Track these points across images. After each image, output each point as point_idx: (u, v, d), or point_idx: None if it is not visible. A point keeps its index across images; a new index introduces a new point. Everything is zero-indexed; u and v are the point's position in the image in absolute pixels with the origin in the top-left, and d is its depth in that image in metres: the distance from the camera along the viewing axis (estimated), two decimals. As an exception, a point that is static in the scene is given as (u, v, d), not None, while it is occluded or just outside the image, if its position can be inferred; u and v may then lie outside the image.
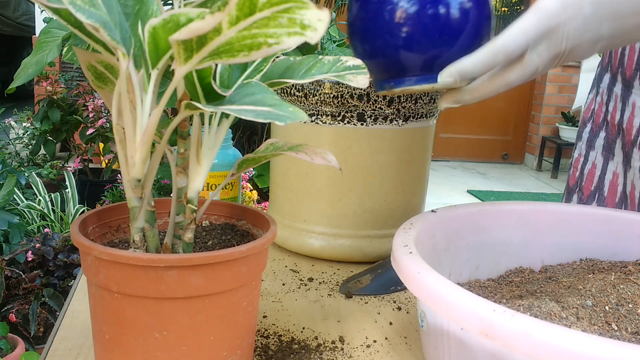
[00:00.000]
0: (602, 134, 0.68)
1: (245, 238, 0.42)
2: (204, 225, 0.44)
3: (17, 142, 2.69)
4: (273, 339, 0.47)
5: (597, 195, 0.69)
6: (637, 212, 0.52)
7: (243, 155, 0.49)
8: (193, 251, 0.38)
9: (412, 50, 0.42)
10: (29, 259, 1.45)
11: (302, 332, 0.49)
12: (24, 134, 2.69)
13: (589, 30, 0.39)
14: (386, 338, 0.48)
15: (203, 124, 0.36)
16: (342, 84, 0.59)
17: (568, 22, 0.39)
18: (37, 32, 2.93)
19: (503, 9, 4.41)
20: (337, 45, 1.17)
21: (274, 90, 0.33)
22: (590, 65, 3.78)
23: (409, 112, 0.61)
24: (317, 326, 0.50)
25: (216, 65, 0.35)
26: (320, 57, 0.39)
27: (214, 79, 0.34)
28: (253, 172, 1.45)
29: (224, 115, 0.37)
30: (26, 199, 1.90)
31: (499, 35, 0.40)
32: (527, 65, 0.40)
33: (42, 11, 2.71)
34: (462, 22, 0.42)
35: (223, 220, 0.45)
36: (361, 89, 0.59)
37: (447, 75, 0.42)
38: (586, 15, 0.39)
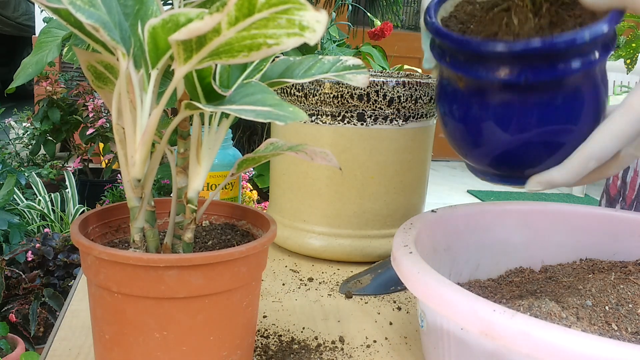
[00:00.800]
0: None
1: (245, 238, 0.42)
2: (204, 225, 0.44)
3: (17, 142, 2.69)
4: (273, 339, 0.47)
5: (635, 204, 0.65)
6: (637, 212, 0.52)
7: (243, 155, 0.49)
8: (193, 251, 0.38)
9: (515, 166, 0.40)
10: (29, 259, 1.45)
11: (302, 332, 0.49)
12: (23, 134, 2.69)
13: None
14: (386, 338, 0.48)
15: (203, 124, 0.37)
16: (342, 83, 0.59)
17: None
18: (37, 32, 2.93)
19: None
20: (337, 45, 1.17)
21: (274, 90, 0.33)
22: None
23: (409, 112, 0.61)
24: (317, 326, 0.50)
25: (216, 65, 0.35)
26: (320, 56, 0.39)
27: (214, 79, 0.34)
28: (253, 172, 1.45)
29: (224, 115, 0.37)
30: (26, 199, 1.90)
31: (587, 142, 0.37)
32: (625, 160, 0.38)
33: (42, 11, 2.71)
34: (570, 142, 0.38)
35: (223, 220, 0.45)
36: (361, 89, 0.59)
37: (534, 185, 0.39)
38: None
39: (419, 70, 0.92)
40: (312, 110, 0.62)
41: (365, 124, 0.61)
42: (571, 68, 0.35)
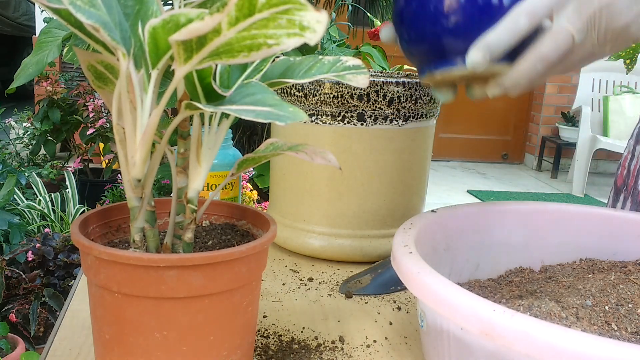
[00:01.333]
0: None
1: (245, 238, 0.42)
2: (204, 225, 0.44)
3: (17, 142, 2.69)
4: (273, 338, 0.47)
5: (633, 192, 0.64)
6: (637, 212, 0.52)
7: (243, 155, 0.49)
8: (193, 251, 0.38)
9: (455, 34, 0.41)
10: (29, 258, 1.45)
11: (302, 332, 0.49)
12: (24, 134, 2.69)
13: None
14: (386, 338, 0.48)
15: (203, 124, 0.37)
16: (342, 84, 0.59)
17: None
18: (38, 32, 2.93)
19: None
20: (337, 46, 1.17)
21: (274, 90, 0.33)
22: (590, 66, 3.78)
23: (409, 112, 0.61)
24: (317, 326, 0.50)
25: (216, 65, 0.35)
26: (320, 57, 0.39)
27: (214, 79, 0.34)
28: (253, 172, 1.45)
29: (224, 115, 0.37)
30: (26, 199, 1.90)
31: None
32: (558, 32, 0.37)
33: (42, 11, 2.71)
34: (507, 6, 0.39)
35: (223, 220, 0.45)
36: (361, 89, 0.59)
37: (474, 55, 0.38)
38: None
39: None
40: (312, 110, 0.62)
41: (365, 124, 0.61)
42: None
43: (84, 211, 1.72)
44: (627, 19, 0.36)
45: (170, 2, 1.11)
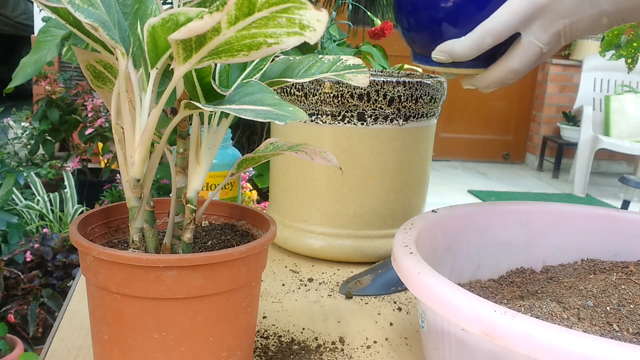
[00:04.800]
0: None
1: (245, 238, 0.42)
2: (203, 225, 0.43)
3: (15, 141, 2.69)
4: (273, 339, 0.47)
5: None
6: (638, 213, 0.52)
7: (243, 155, 0.48)
8: (192, 251, 0.38)
9: (428, 28, 0.44)
10: (28, 259, 1.45)
11: (302, 332, 0.49)
12: (22, 134, 2.68)
13: (587, 6, 0.37)
14: (386, 339, 0.48)
15: (202, 124, 0.36)
16: (343, 83, 0.59)
17: (560, 0, 0.37)
18: (36, 31, 2.93)
19: None
20: (337, 45, 1.17)
21: (274, 90, 0.33)
22: (592, 65, 3.78)
23: (410, 112, 0.61)
24: (317, 327, 0.50)
25: (215, 64, 0.35)
26: (320, 56, 0.39)
27: (214, 78, 0.33)
28: (253, 172, 1.44)
29: (224, 115, 0.37)
30: (25, 199, 1.90)
31: (487, 19, 0.40)
32: (526, 48, 0.40)
33: (40, 10, 2.70)
34: (478, 7, 0.42)
35: (223, 221, 0.44)
36: (361, 89, 0.59)
37: (436, 53, 0.43)
38: None
39: (419, 70, 0.92)
40: (312, 109, 0.61)
41: (365, 123, 0.60)
42: None
43: (82, 211, 1.71)
44: (595, 31, 0.39)
45: (170, 1, 1.11)
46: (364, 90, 0.59)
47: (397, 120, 0.61)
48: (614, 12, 0.38)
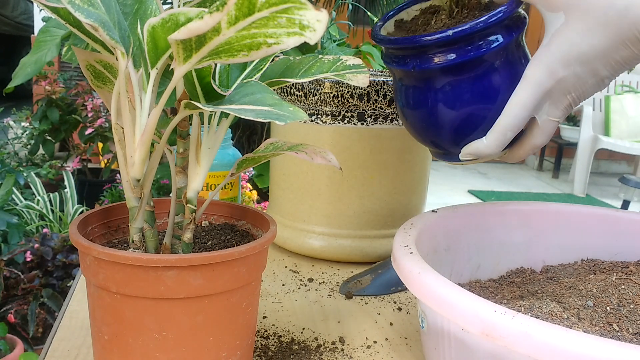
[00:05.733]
0: None
1: (245, 238, 0.42)
2: (203, 225, 0.43)
3: (15, 141, 2.69)
4: (273, 339, 0.47)
5: None
6: (639, 213, 0.52)
7: (243, 155, 0.48)
8: (192, 251, 0.38)
9: (446, 135, 0.45)
10: (28, 259, 1.45)
11: (302, 332, 0.49)
12: (22, 134, 2.68)
13: (587, 79, 0.39)
14: (386, 339, 0.48)
15: (202, 124, 0.36)
16: (342, 83, 0.59)
17: (562, 81, 0.39)
18: (36, 31, 2.92)
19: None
20: (337, 45, 1.17)
21: (274, 90, 0.33)
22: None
23: (409, 112, 0.61)
24: (317, 327, 0.50)
25: (215, 64, 0.35)
26: (320, 56, 0.39)
27: (214, 78, 0.33)
28: (253, 172, 1.44)
29: (224, 115, 0.37)
30: (25, 199, 1.90)
31: (501, 114, 0.42)
32: (544, 126, 0.42)
33: (40, 10, 2.70)
34: (491, 105, 0.43)
35: (223, 221, 0.44)
36: (361, 89, 0.59)
37: (464, 156, 0.45)
38: (577, 72, 0.39)
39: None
40: (312, 109, 0.61)
41: (365, 123, 0.60)
42: (478, 50, 0.41)
43: (82, 211, 1.71)
44: (601, 88, 0.41)
45: (170, 1, 1.11)
46: (364, 90, 0.59)
47: (397, 120, 0.61)
48: (613, 74, 0.40)
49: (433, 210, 0.48)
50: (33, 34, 3.47)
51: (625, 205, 1.91)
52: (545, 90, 0.40)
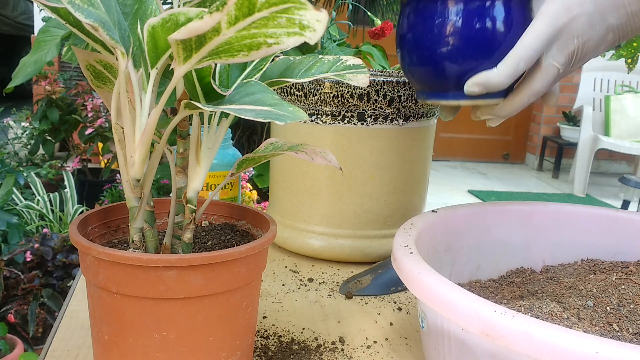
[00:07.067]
0: None
1: (245, 238, 0.42)
2: (203, 225, 0.43)
3: (15, 141, 2.69)
4: (273, 339, 0.47)
5: None
6: (639, 212, 0.52)
7: (243, 155, 0.48)
8: (192, 251, 0.38)
9: (453, 61, 0.44)
10: (28, 259, 1.45)
11: (302, 332, 0.49)
12: (22, 134, 2.68)
13: (596, 23, 0.41)
14: (386, 339, 0.48)
15: (202, 124, 0.36)
16: (343, 83, 0.59)
17: (574, 20, 0.41)
18: (36, 31, 2.92)
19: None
20: (337, 45, 1.17)
21: (274, 90, 0.33)
22: (592, 65, 3.78)
23: (410, 112, 0.61)
24: (317, 327, 0.50)
25: (215, 64, 0.35)
26: (320, 56, 0.39)
27: (214, 78, 0.33)
28: (253, 172, 1.44)
29: (224, 115, 0.37)
30: (25, 199, 1.90)
31: (516, 45, 0.42)
32: (547, 71, 0.42)
33: (41, 10, 2.70)
34: (503, 36, 0.44)
35: (223, 221, 0.44)
36: (361, 89, 0.59)
37: (471, 86, 0.43)
38: (590, 11, 0.41)
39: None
40: (312, 109, 0.61)
41: (365, 123, 0.60)
42: None
43: (82, 211, 1.71)
44: (601, 50, 0.43)
45: (170, 1, 1.11)
46: (364, 90, 0.59)
47: (397, 120, 0.61)
48: (618, 26, 0.42)
49: (433, 210, 0.48)
50: (33, 34, 3.47)
51: (625, 205, 1.91)
52: (559, 26, 0.41)
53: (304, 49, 1.11)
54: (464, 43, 0.43)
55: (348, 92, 0.59)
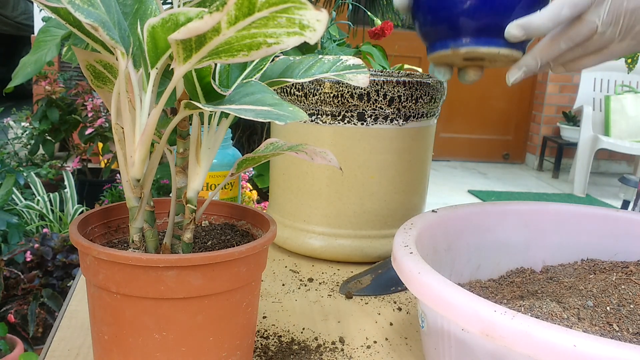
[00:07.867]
0: None
1: (245, 238, 0.42)
2: (203, 225, 0.43)
3: (15, 141, 2.69)
4: (273, 339, 0.47)
5: None
6: (638, 213, 0.52)
7: (243, 155, 0.48)
8: (192, 251, 0.38)
9: (482, 12, 0.44)
10: (28, 259, 1.45)
11: (302, 332, 0.49)
12: (22, 134, 2.68)
13: None
14: (386, 339, 0.48)
15: (202, 124, 0.36)
16: (343, 83, 0.59)
17: None
18: (36, 31, 2.92)
19: None
20: (337, 45, 1.17)
21: (274, 90, 0.33)
22: (591, 65, 3.77)
23: (410, 112, 0.61)
24: (317, 327, 0.50)
25: (215, 64, 0.35)
26: (320, 56, 0.39)
27: (214, 78, 0.33)
28: (253, 172, 1.44)
29: (224, 115, 0.37)
30: (25, 199, 1.90)
31: None
32: (586, 23, 0.42)
33: (41, 10, 2.70)
34: None
35: (223, 221, 0.44)
36: (361, 89, 0.59)
37: (513, 29, 0.43)
38: None
39: (420, 70, 0.92)
40: (312, 109, 0.61)
41: (365, 123, 0.60)
42: None
43: (82, 211, 1.71)
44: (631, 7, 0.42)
45: (170, 1, 1.11)
46: (364, 90, 0.59)
47: (397, 120, 0.61)
48: None
49: (433, 210, 0.48)
50: (33, 34, 3.47)
51: (625, 205, 1.91)
52: None
53: (304, 49, 1.11)
54: None
55: (348, 92, 0.59)
